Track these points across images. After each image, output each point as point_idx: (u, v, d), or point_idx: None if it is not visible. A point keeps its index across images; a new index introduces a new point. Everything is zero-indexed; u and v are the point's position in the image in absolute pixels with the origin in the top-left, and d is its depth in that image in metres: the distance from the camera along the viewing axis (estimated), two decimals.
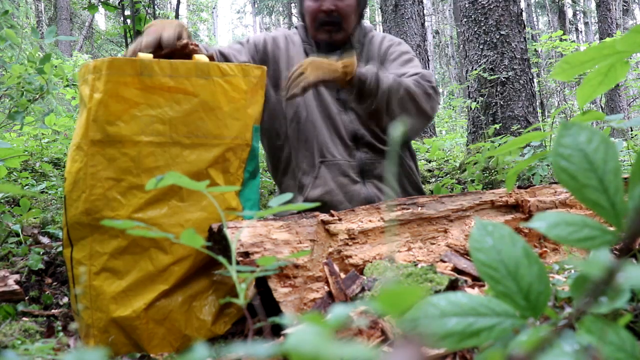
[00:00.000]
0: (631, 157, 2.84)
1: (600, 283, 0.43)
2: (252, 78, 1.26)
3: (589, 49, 0.79)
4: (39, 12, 14.79)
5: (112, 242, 1.15)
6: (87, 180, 1.14)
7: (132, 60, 1.15)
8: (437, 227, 1.40)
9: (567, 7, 18.44)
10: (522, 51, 4.28)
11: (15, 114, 1.90)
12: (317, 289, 1.09)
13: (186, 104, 1.19)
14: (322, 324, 0.39)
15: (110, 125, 1.14)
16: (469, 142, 4.50)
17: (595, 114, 0.89)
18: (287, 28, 1.95)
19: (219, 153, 1.22)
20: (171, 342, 1.18)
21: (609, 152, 0.59)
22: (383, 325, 0.83)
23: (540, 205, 1.56)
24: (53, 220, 1.84)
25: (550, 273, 1.02)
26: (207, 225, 1.17)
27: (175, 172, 0.78)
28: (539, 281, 0.57)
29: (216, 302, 1.23)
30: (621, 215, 0.57)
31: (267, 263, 0.86)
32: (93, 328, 1.14)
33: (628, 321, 0.60)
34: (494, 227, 0.63)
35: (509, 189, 0.98)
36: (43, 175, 2.81)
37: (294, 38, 1.81)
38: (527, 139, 0.89)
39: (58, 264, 1.51)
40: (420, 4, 5.40)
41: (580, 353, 0.48)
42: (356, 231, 1.24)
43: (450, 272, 1.12)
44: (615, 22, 10.20)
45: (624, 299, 0.54)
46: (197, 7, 25.03)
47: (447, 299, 0.57)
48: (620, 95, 9.72)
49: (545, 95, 11.23)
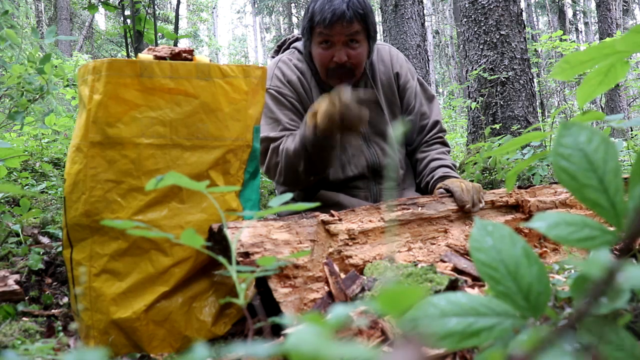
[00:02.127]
0: (631, 157, 2.83)
1: (600, 283, 0.43)
2: (252, 79, 1.26)
3: (589, 49, 0.79)
4: (39, 12, 14.79)
5: (112, 243, 1.15)
6: (86, 182, 1.14)
7: (132, 62, 1.15)
8: (437, 227, 1.40)
9: (567, 7, 18.44)
10: (522, 51, 4.28)
11: (15, 114, 1.90)
12: (317, 289, 1.09)
13: (187, 106, 1.19)
14: (322, 324, 0.39)
15: (110, 127, 1.14)
16: (468, 142, 4.50)
17: (595, 114, 0.89)
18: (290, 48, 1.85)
19: (220, 155, 1.22)
20: (171, 343, 1.18)
21: (609, 152, 0.59)
22: (383, 325, 0.83)
23: (540, 205, 1.56)
24: (53, 220, 1.84)
25: (550, 273, 1.03)
26: (207, 227, 1.17)
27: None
28: (539, 281, 0.57)
29: (216, 303, 1.23)
30: (621, 215, 0.57)
31: (267, 263, 0.86)
32: (93, 329, 1.14)
33: (628, 321, 0.60)
34: (494, 227, 0.63)
35: (509, 189, 0.98)
36: (43, 175, 2.81)
37: (302, 69, 1.75)
38: (527, 139, 0.89)
39: (58, 264, 1.51)
40: (420, 4, 5.40)
41: (580, 353, 0.48)
42: (356, 231, 1.24)
43: (450, 272, 1.12)
44: (615, 22, 10.19)
45: (624, 299, 0.54)
46: (197, 7, 25.02)
47: (447, 299, 0.57)
48: (620, 95, 9.72)
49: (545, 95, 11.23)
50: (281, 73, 1.74)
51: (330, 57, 1.65)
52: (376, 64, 1.81)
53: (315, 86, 1.73)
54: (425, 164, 1.81)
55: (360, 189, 1.75)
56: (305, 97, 1.72)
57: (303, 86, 1.73)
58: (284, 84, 1.71)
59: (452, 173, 1.70)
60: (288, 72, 1.74)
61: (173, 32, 2.53)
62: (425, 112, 1.87)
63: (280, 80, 1.72)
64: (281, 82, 1.71)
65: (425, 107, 1.88)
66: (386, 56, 1.84)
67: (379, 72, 1.80)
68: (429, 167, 1.78)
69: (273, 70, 1.75)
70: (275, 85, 1.71)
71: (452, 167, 1.76)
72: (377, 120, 1.77)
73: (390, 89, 1.81)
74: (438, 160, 1.78)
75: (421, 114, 1.86)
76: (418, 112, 1.85)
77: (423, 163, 1.82)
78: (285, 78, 1.72)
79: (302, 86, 1.73)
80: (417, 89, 1.88)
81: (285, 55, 1.80)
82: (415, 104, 1.85)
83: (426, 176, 1.78)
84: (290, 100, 1.70)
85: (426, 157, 1.82)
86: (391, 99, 1.81)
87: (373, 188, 1.77)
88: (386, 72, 1.81)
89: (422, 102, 1.88)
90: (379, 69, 1.80)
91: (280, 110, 1.68)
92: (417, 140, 1.87)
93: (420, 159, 1.84)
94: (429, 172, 1.77)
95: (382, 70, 1.81)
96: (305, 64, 1.76)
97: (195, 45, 22.68)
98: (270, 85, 1.71)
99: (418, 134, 1.86)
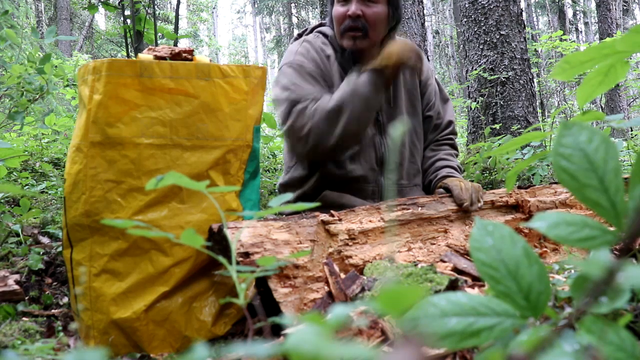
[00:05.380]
0: (631, 157, 2.84)
1: (600, 283, 0.43)
2: (252, 79, 1.26)
3: (589, 49, 0.79)
4: (39, 12, 14.79)
5: (112, 244, 1.15)
6: (86, 182, 1.14)
7: (132, 62, 1.15)
8: (437, 227, 1.40)
9: (567, 7, 18.44)
10: (522, 51, 4.28)
11: (15, 114, 1.90)
12: (317, 289, 1.08)
13: (187, 106, 1.19)
14: (322, 324, 0.39)
15: (110, 127, 1.14)
16: (469, 142, 4.50)
17: (595, 114, 0.89)
18: (315, 32, 1.81)
19: (220, 155, 1.22)
20: (171, 343, 1.18)
21: (610, 151, 0.59)
22: (383, 325, 0.83)
23: (540, 205, 1.56)
24: (53, 220, 1.84)
25: (550, 273, 1.02)
26: (207, 227, 1.17)
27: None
28: (539, 281, 0.57)
29: (216, 303, 1.23)
30: (621, 215, 0.57)
31: (267, 263, 0.86)
32: (93, 329, 1.14)
33: (628, 321, 0.60)
34: (494, 227, 0.63)
35: (509, 189, 0.98)
36: (43, 175, 2.81)
37: (327, 51, 1.72)
38: (527, 139, 0.89)
39: (58, 264, 1.51)
40: (420, 4, 5.40)
41: (580, 353, 0.48)
42: (356, 231, 1.24)
43: (450, 272, 1.12)
44: (615, 22, 10.19)
45: (624, 299, 0.54)
46: (197, 7, 25.02)
47: (447, 299, 0.57)
48: (620, 95, 9.72)
49: (545, 95, 11.22)
50: (305, 50, 1.70)
51: (345, 11, 1.63)
52: None
53: (338, 70, 1.69)
54: (430, 163, 1.81)
55: (369, 183, 1.74)
56: (329, 76, 1.68)
57: (325, 67, 1.69)
58: (308, 59, 1.67)
59: (455, 174, 1.70)
60: (312, 50, 1.70)
61: (173, 32, 2.53)
62: (440, 112, 1.89)
63: (303, 56, 1.68)
64: (304, 57, 1.67)
65: (440, 107, 1.89)
66: None
67: None
68: (434, 166, 1.79)
69: (297, 48, 1.71)
70: (298, 60, 1.67)
71: (457, 168, 1.76)
72: (394, 111, 1.75)
73: (412, 83, 1.80)
74: (444, 160, 1.79)
75: (437, 112, 1.87)
76: (436, 110, 1.87)
77: (429, 162, 1.82)
78: (309, 55, 1.69)
79: (324, 66, 1.69)
80: (436, 87, 1.89)
81: (310, 36, 1.76)
82: (435, 102, 1.86)
83: (430, 175, 1.78)
84: (313, 74, 1.65)
85: (433, 157, 1.82)
86: (412, 92, 1.81)
87: (381, 182, 1.76)
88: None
89: (439, 101, 1.89)
90: None
91: (304, 80, 1.63)
92: (429, 139, 1.87)
93: (428, 157, 1.84)
94: (433, 171, 1.78)
95: None
96: (329, 46, 1.73)
97: (195, 45, 22.68)
98: (293, 60, 1.67)
99: (431, 132, 1.87)
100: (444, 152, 1.83)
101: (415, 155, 1.81)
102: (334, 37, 1.72)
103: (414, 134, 1.80)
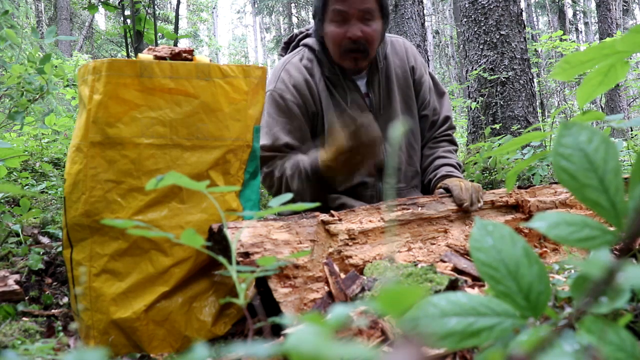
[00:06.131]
0: (631, 157, 2.84)
1: (600, 283, 0.43)
2: (253, 78, 1.26)
3: (589, 49, 0.79)
4: (39, 12, 14.79)
5: (112, 244, 1.15)
6: (86, 182, 1.14)
7: (132, 62, 1.15)
8: (437, 227, 1.40)
9: (567, 7, 18.44)
10: (522, 51, 4.28)
11: (15, 114, 1.90)
12: (317, 289, 1.09)
13: (187, 106, 1.19)
14: (322, 324, 0.39)
15: (110, 127, 1.14)
16: (469, 142, 4.50)
17: (595, 114, 0.89)
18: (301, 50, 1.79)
19: (220, 155, 1.22)
20: (171, 343, 1.18)
21: (609, 151, 0.59)
22: (383, 325, 0.83)
23: (540, 205, 1.56)
24: (53, 220, 1.84)
25: (550, 273, 1.02)
26: (207, 227, 1.17)
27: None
28: (539, 281, 0.57)
29: (216, 303, 1.23)
30: (621, 215, 0.57)
31: (267, 263, 0.86)
32: (93, 329, 1.14)
33: (628, 321, 0.60)
34: (494, 227, 0.63)
35: (509, 189, 0.98)
36: (43, 175, 2.81)
37: (312, 70, 1.71)
38: (527, 139, 0.89)
39: (58, 264, 1.51)
40: (420, 4, 5.40)
41: (580, 353, 0.48)
42: (356, 231, 1.24)
43: (450, 272, 1.12)
44: (615, 22, 10.20)
45: (624, 299, 0.54)
46: (197, 7, 25.02)
47: (447, 299, 0.57)
48: (620, 95, 9.72)
49: (545, 95, 11.23)
50: (288, 75, 1.69)
51: (344, 33, 1.60)
52: (391, 56, 1.78)
53: (324, 89, 1.69)
54: (430, 161, 1.80)
55: (367, 189, 1.74)
56: (311, 101, 1.68)
57: (310, 89, 1.68)
58: (288, 89, 1.67)
59: (454, 172, 1.69)
60: (294, 75, 1.69)
61: (173, 32, 2.53)
62: (436, 108, 1.86)
63: (284, 83, 1.67)
64: (285, 86, 1.67)
65: (436, 102, 1.87)
66: (401, 49, 1.81)
67: (394, 66, 1.77)
68: (433, 165, 1.77)
69: (280, 72, 1.71)
70: (279, 89, 1.67)
71: (457, 166, 1.75)
72: (389, 114, 1.74)
73: (405, 83, 1.79)
74: (443, 158, 1.77)
75: (432, 109, 1.85)
76: (432, 107, 1.84)
77: (428, 160, 1.81)
78: (291, 81, 1.68)
79: (309, 89, 1.68)
80: (430, 83, 1.86)
81: (294, 56, 1.75)
82: (430, 99, 1.84)
83: (429, 174, 1.77)
84: (291, 107, 1.65)
85: (432, 155, 1.81)
86: (406, 92, 1.79)
87: (379, 187, 1.76)
88: (402, 66, 1.79)
89: (434, 97, 1.86)
90: (394, 62, 1.78)
91: (281, 117, 1.65)
92: (427, 137, 1.85)
93: (426, 155, 1.83)
94: (432, 170, 1.77)
95: (398, 64, 1.78)
96: (315, 62, 1.71)
97: (195, 45, 22.68)
98: (275, 89, 1.67)
99: (428, 130, 1.85)
100: (442, 150, 1.81)
101: (412, 157, 1.81)
102: (322, 52, 1.71)
103: (410, 135, 1.80)
